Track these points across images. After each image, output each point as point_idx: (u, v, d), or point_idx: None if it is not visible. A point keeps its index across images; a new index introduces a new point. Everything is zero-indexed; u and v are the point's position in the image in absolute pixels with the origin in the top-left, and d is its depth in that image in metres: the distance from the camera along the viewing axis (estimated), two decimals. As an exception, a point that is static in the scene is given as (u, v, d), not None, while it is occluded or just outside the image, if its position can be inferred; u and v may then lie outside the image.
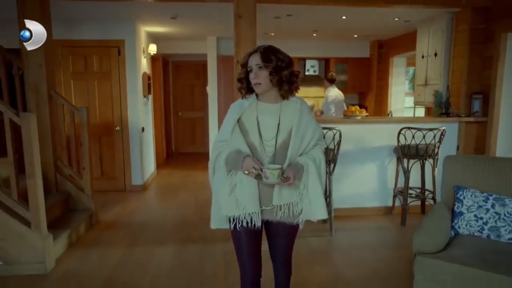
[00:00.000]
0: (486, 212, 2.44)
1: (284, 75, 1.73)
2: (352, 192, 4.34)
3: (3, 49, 4.03)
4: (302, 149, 1.79)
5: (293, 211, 1.78)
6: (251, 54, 1.75)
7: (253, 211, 1.76)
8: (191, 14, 4.87)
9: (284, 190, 1.75)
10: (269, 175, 1.63)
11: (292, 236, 1.91)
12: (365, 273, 3.06)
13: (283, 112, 1.79)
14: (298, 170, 1.73)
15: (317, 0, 4.02)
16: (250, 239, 1.85)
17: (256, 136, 1.77)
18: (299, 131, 1.76)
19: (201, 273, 3.06)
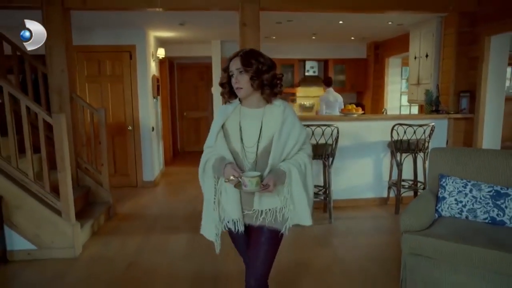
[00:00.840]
0: (465, 196, 2.79)
1: (265, 78, 1.70)
2: (349, 184, 4.69)
3: (28, 56, 4.37)
4: (285, 154, 1.74)
5: (276, 216, 1.76)
6: (232, 59, 1.73)
7: (235, 217, 1.77)
8: (198, 20, 5.22)
9: (264, 196, 1.73)
10: (248, 183, 1.61)
11: (273, 244, 1.82)
12: (361, 255, 3.41)
13: (266, 117, 1.75)
14: (279, 177, 1.70)
15: (316, 8, 4.35)
16: (239, 241, 1.91)
17: (238, 142, 1.75)
18: (281, 136, 1.71)
19: (214, 256, 3.41)
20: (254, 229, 1.82)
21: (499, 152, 3.05)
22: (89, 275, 3.12)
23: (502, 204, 2.65)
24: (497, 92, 4.51)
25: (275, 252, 1.84)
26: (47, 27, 3.92)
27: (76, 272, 3.16)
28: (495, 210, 2.66)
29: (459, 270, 2.42)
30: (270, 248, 1.82)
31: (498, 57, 4.41)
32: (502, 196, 2.67)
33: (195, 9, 4.35)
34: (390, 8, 4.46)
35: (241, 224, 1.78)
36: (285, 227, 1.77)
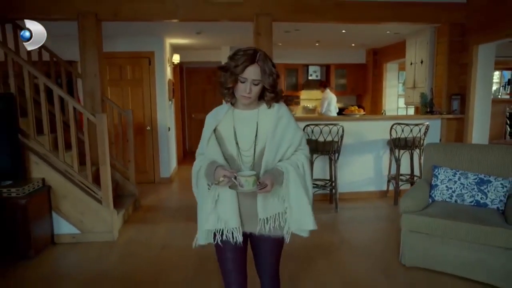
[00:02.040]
0: (454, 183, 3.27)
1: (278, 91, 1.66)
2: (353, 178, 5.17)
3: (63, 61, 4.83)
4: (279, 155, 1.68)
5: (279, 222, 1.69)
6: (247, 66, 1.56)
7: (234, 226, 1.66)
8: (213, 29, 5.70)
9: (268, 201, 1.66)
10: (244, 182, 1.53)
11: (277, 250, 1.82)
12: (364, 237, 3.90)
13: (261, 119, 1.68)
14: (276, 176, 1.62)
15: (322, 19, 4.84)
16: (234, 255, 1.75)
17: (233, 146, 1.68)
18: (275, 136, 1.66)
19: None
20: (255, 239, 1.76)
21: (482, 146, 3.58)
22: (128, 254, 3.57)
23: (485, 189, 3.14)
24: (484, 95, 5.01)
25: (279, 258, 1.86)
26: (82, 37, 4.42)
27: (116, 252, 3.61)
28: (479, 195, 3.15)
29: (449, 243, 2.91)
30: (274, 256, 1.84)
31: (485, 64, 4.91)
32: (485, 182, 3.16)
33: (213, 20, 4.82)
34: (388, 19, 4.95)
35: (240, 234, 1.67)
36: (287, 233, 1.71)
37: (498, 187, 3.11)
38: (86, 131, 3.78)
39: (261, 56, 1.59)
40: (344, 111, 5.65)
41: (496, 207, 3.08)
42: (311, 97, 8.40)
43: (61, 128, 3.72)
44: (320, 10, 4.66)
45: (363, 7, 4.70)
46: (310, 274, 3.08)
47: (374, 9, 4.73)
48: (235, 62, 1.57)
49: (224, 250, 1.74)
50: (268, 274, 1.85)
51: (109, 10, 4.49)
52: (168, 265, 3.37)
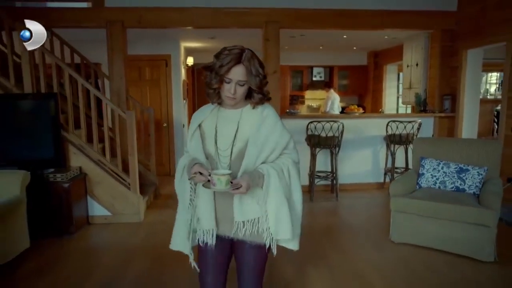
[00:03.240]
0: (438, 172, 3.77)
1: (265, 91, 1.60)
2: (352, 171, 5.67)
3: (93, 65, 5.39)
4: (262, 158, 1.57)
5: (258, 228, 1.59)
6: (232, 66, 1.50)
7: (207, 228, 1.61)
8: (226, 34, 6.21)
9: (246, 204, 1.57)
10: (216, 181, 1.46)
11: (259, 258, 1.69)
12: (362, 220, 4.41)
13: (244, 119, 1.61)
14: (254, 178, 1.52)
15: (325, 26, 5.35)
16: (214, 259, 1.70)
17: (212, 144, 1.62)
18: (257, 138, 1.56)
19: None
20: (236, 245, 1.69)
21: (463, 140, 4.11)
22: (153, 233, 4.10)
23: (464, 177, 3.64)
24: (473, 95, 5.49)
25: (262, 269, 1.73)
26: (110, 43, 4.96)
27: (143, 231, 4.15)
28: (458, 181, 3.65)
29: (430, 221, 3.42)
30: (256, 266, 1.70)
31: (474, 67, 5.39)
32: (464, 171, 3.66)
33: (225, 27, 5.35)
34: (385, 26, 5.45)
35: (212, 237, 1.62)
36: (267, 241, 1.60)
37: (475, 175, 3.60)
38: (117, 126, 4.32)
39: (247, 56, 1.51)
40: (344, 110, 6.16)
41: (473, 192, 3.57)
42: (315, 96, 8.91)
43: (96, 123, 4.27)
44: (322, 18, 5.18)
45: (361, 15, 5.21)
46: (314, 249, 3.60)
47: (371, 17, 5.24)
48: (220, 62, 1.51)
49: (204, 253, 1.69)
50: (249, 283, 1.71)
51: (134, 19, 5.03)
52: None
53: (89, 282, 2.99)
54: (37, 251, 3.49)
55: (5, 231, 3.03)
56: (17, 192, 3.25)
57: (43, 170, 3.88)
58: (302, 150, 5.31)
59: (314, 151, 5.19)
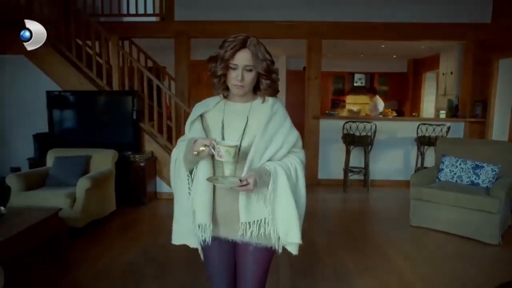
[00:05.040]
0: (455, 168, 4.29)
1: (274, 78, 1.53)
2: (384, 168, 6.21)
3: (162, 68, 6.39)
4: (269, 154, 1.50)
5: (265, 229, 1.49)
6: (237, 50, 1.44)
7: (201, 222, 1.51)
8: (273, 42, 7.00)
9: (253, 203, 1.47)
10: (224, 153, 1.38)
11: (262, 263, 1.59)
12: (387, 209, 5.02)
13: (253, 113, 1.54)
14: (261, 175, 1.42)
15: (364, 37, 5.98)
16: (219, 258, 1.61)
17: (218, 138, 1.51)
18: (265, 133, 1.49)
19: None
20: (239, 247, 1.58)
21: (481, 141, 4.57)
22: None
23: (479, 172, 4.14)
24: (504, 102, 5.86)
25: (265, 272, 1.62)
26: (177, 50, 5.91)
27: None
28: (473, 176, 4.16)
29: (443, 208, 3.97)
30: (260, 269, 1.60)
31: (505, 76, 5.77)
32: (479, 167, 4.16)
33: (275, 37, 6.13)
34: (420, 38, 5.97)
35: (207, 233, 1.52)
36: (274, 243, 1.52)
37: (489, 171, 4.09)
38: (182, 119, 5.23)
39: (253, 42, 1.46)
40: (380, 113, 6.72)
41: (486, 186, 4.07)
42: (356, 101, 9.46)
43: (166, 116, 5.22)
44: (360, 30, 5.81)
45: (398, 28, 5.78)
46: (343, 229, 4.28)
47: (406, 29, 5.79)
48: (224, 48, 1.45)
49: (208, 251, 1.61)
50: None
51: (198, 30, 5.96)
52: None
53: (160, 236, 3.86)
54: (120, 214, 4.46)
55: (102, 194, 4.02)
56: (110, 166, 4.24)
57: (124, 152, 4.87)
58: (338, 147, 5.97)
59: (349, 148, 5.81)
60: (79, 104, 5.08)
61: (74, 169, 4.03)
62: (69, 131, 5.01)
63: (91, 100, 5.07)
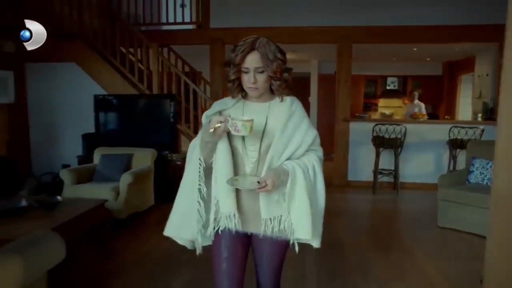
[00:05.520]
0: (486, 170, 4.29)
1: (285, 77, 1.52)
2: (414, 171, 6.22)
3: (198, 72, 6.75)
4: (288, 153, 1.54)
5: (284, 225, 1.54)
6: (247, 53, 1.46)
7: (227, 212, 1.52)
8: (305, 47, 7.20)
9: (273, 200, 1.52)
10: (241, 127, 1.38)
11: (279, 255, 1.66)
12: (416, 210, 5.06)
13: (272, 112, 1.57)
14: (279, 175, 1.46)
15: (392, 41, 6.04)
16: (230, 249, 1.59)
17: (238, 138, 1.52)
18: (285, 132, 1.52)
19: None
20: (256, 240, 1.63)
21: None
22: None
23: (509, 174, 4.12)
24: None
25: (281, 263, 1.69)
26: (212, 57, 6.23)
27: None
28: (504, 178, 4.14)
29: (471, 209, 3.99)
30: (276, 258, 1.66)
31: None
32: (509, 169, 4.14)
33: (305, 43, 6.33)
34: (455, 40, 5.95)
35: (237, 222, 1.52)
36: (291, 237, 1.56)
37: (520, 173, 4.07)
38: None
39: (262, 43, 1.47)
40: (410, 116, 6.73)
41: (516, 188, 4.04)
42: (388, 104, 9.43)
43: (199, 118, 5.52)
44: (390, 34, 5.89)
45: (427, 31, 5.80)
46: (372, 229, 4.39)
47: (438, 32, 5.80)
48: (235, 53, 1.48)
49: (219, 247, 1.60)
50: (269, 281, 1.68)
51: (232, 37, 6.22)
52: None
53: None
54: (158, 208, 4.79)
55: (142, 189, 4.37)
56: (149, 164, 4.59)
57: (162, 151, 5.22)
58: (368, 150, 6.05)
59: (378, 151, 5.88)
60: (122, 106, 5.51)
61: (117, 166, 4.41)
62: (113, 132, 5.45)
63: (133, 103, 5.48)
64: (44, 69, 5.77)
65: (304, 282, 3.00)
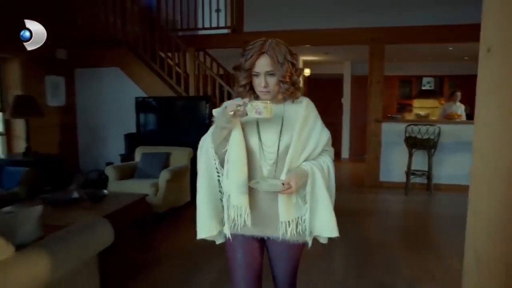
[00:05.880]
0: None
1: (294, 80, 1.51)
2: (449, 172, 6.12)
3: (231, 74, 7.00)
4: (305, 154, 1.55)
5: (301, 227, 1.55)
6: (257, 57, 1.46)
7: (238, 204, 1.49)
8: (338, 49, 7.27)
9: (292, 203, 1.52)
10: (262, 109, 1.38)
11: (296, 257, 1.67)
12: (448, 211, 5.02)
13: (287, 114, 1.56)
14: (301, 177, 1.49)
15: (424, 41, 6.00)
16: (247, 255, 1.60)
17: (254, 139, 1.53)
18: (302, 133, 1.53)
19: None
20: (274, 243, 1.61)
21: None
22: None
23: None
24: None
25: (297, 265, 1.71)
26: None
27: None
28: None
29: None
30: (292, 262, 1.67)
31: None
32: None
33: (336, 44, 6.41)
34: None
35: (247, 215, 1.50)
36: (308, 238, 1.58)
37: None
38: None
39: (271, 45, 1.47)
40: (445, 116, 6.62)
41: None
42: (423, 105, 9.26)
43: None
44: (423, 34, 5.86)
45: (461, 30, 5.70)
46: (402, 229, 4.43)
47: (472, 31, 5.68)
48: (245, 57, 1.49)
49: (235, 247, 1.61)
50: (286, 281, 1.69)
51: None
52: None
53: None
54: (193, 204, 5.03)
55: (180, 185, 4.64)
56: (186, 162, 4.86)
57: (198, 150, 5.48)
58: (401, 150, 6.03)
59: (411, 151, 5.86)
60: (161, 108, 5.84)
61: (157, 164, 4.71)
62: (152, 131, 5.79)
63: (171, 104, 5.80)
64: (91, 74, 6.22)
65: (331, 276, 3.12)
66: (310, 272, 3.10)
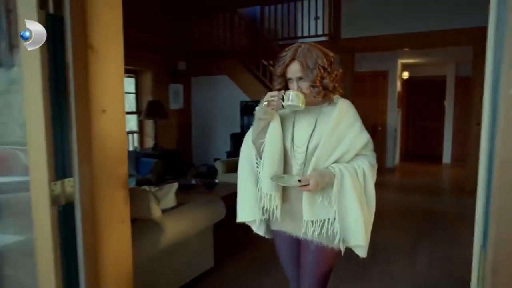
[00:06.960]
0: None
1: (325, 84, 1.51)
2: None
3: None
4: (335, 157, 1.52)
5: (327, 230, 1.51)
6: (288, 64, 1.52)
7: (267, 191, 1.54)
8: (439, 50, 7.09)
9: (316, 203, 1.51)
10: (294, 97, 1.45)
11: (323, 261, 1.60)
12: None
13: (322, 116, 1.57)
14: (324, 177, 1.46)
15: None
16: (286, 254, 1.72)
17: (288, 139, 1.58)
18: (332, 135, 1.51)
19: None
20: (302, 244, 1.63)
21: None
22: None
23: None
24: None
25: (326, 272, 1.63)
26: (343, 65, 6.73)
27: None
28: None
29: None
30: (319, 269, 1.61)
31: None
32: None
33: (436, 46, 6.31)
34: None
35: (276, 202, 1.56)
36: (338, 243, 1.52)
37: None
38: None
39: (303, 51, 1.50)
40: None
41: None
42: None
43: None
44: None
45: None
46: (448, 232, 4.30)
47: None
48: (278, 63, 1.56)
49: (276, 237, 1.74)
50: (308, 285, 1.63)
51: (362, 45, 6.67)
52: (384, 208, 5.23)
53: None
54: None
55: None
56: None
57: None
58: None
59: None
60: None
61: (258, 160, 5.32)
62: (254, 132, 6.45)
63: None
64: (204, 82, 7.19)
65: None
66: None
